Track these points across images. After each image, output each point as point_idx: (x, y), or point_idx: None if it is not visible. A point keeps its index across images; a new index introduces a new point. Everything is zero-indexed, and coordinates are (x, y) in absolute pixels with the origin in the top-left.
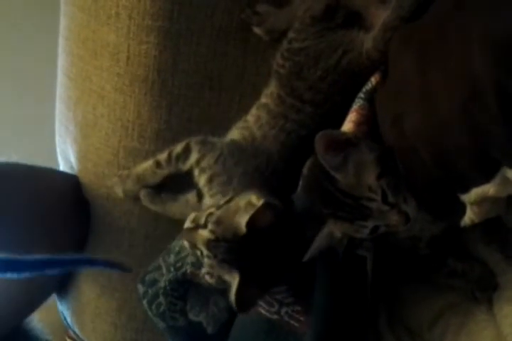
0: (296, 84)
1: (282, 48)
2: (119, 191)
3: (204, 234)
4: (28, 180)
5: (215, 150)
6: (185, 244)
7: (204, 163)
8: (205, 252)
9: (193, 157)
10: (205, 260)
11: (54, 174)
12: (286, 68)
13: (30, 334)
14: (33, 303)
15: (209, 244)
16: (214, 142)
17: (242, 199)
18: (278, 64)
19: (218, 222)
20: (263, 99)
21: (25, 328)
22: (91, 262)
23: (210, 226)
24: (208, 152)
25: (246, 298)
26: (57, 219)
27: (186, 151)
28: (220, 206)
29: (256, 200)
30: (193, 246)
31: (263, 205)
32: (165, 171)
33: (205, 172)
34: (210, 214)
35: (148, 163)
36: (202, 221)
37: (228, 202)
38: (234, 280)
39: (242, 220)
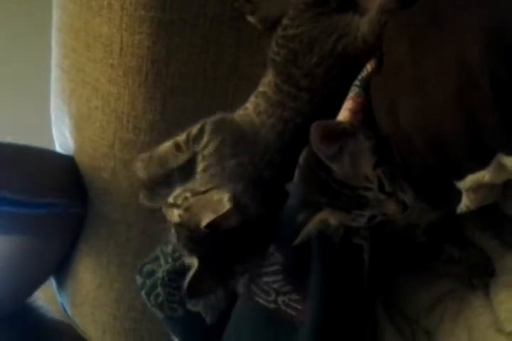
0: (293, 71)
1: (277, 36)
2: (143, 175)
3: (175, 214)
4: (22, 160)
5: (218, 137)
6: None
7: (206, 152)
8: (173, 232)
9: (203, 141)
10: (173, 238)
11: (51, 154)
12: (281, 56)
13: (36, 312)
14: (34, 281)
15: (175, 226)
16: (226, 124)
17: (216, 194)
18: (273, 51)
19: (187, 209)
20: (261, 88)
21: (31, 306)
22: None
23: (180, 210)
24: (215, 137)
25: (199, 286)
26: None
27: (201, 133)
28: (196, 193)
29: (227, 201)
30: (168, 221)
31: (230, 210)
32: (185, 155)
33: (204, 160)
34: (186, 198)
35: (168, 145)
36: (179, 201)
37: (205, 192)
38: (192, 266)
39: (206, 219)
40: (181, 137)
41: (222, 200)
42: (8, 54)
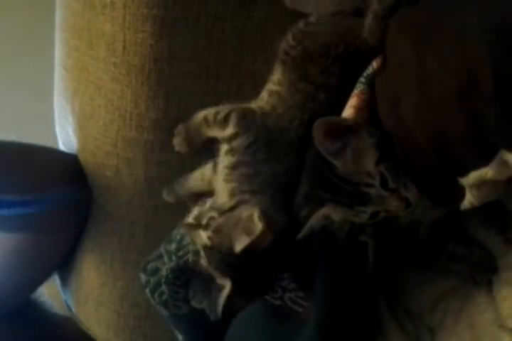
0: (310, 67)
1: (296, 29)
2: (184, 149)
3: (203, 237)
4: (26, 159)
5: (250, 133)
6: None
7: (235, 144)
8: (202, 254)
9: (228, 131)
10: (202, 261)
11: (53, 153)
12: (298, 50)
13: (40, 307)
14: (38, 278)
15: (205, 249)
16: (253, 117)
17: (245, 210)
18: (290, 45)
19: (217, 231)
20: (273, 86)
21: (35, 302)
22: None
23: (209, 232)
24: (243, 131)
25: (232, 305)
26: (54, 198)
27: (226, 120)
28: (222, 212)
29: (258, 221)
30: (193, 242)
31: (263, 230)
32: (210, 131)
33: (233, 155)
34: (212, 218)
35: (200, 117)
36: (203, 221)
37: (232, 209)
38: (225, 288)
39: (240, 244)
40: (210, 112)
41: (253, 218)
42: (11, 53)
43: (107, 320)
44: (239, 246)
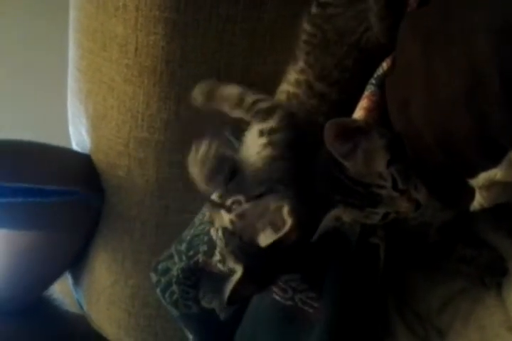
0: (326, 60)
1: (313, 14)
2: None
3: (225, 219)
4: (41, 158)
5: (291, 131)
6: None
7: (276, 138)
8: (220, 235)
9: (270, 123)
10: (218, 241)
11: (67, 152)
12: (318, 38)
13: (52, 304)
14: (51, 276)
15: (225, 232)
16: (294, 117)
17: (273, 201)
18: (309, 33)
19: (241, 216)
20: (290, 88)
21: (47, 299)
22: (70, 193)
23: (232, 215)
24: (285, 127)
25: (240, 293)
26: (67, 197)
27: (269, 113)
28: (249, 197)
29: (288, 216)
30: (212, 222)
31: (292, 226)
32: (240, 112)
33: (274, 147)
34: (238, 201)
35: (235, 94)
36: (228, 202)
37: (260, 196)
38: (236, 273)
39: (265, 239)
40: (249, 97)
41: (282, 212)
42: (26, 55)
43: (118, 319)
44: (264, 240)
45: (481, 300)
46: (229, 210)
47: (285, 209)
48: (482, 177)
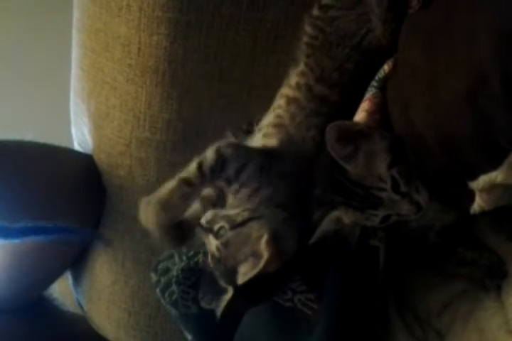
0: (326, 62)
1: (315, 17)
2: (147, 224)
3: (212, 244)
4: (42, 158)
5: (253, 159)
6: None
7: (244, 176)
8: (210, 259)
9: (231, 167)
10: (209, 262)
11: (69, 153)
12: (319, 41)
13: (52, 304)
14: (50, 276)
15: (213, 258)
16: (247, 147)
17: (255, 229)
18: (310, 36)
19: (226, 245)
20: (290, 92)
21: (47, 299)
22: (71, 231)
23: (218, 243)
24: (246, 161)
25: (233, 309)
26: (70, 197)
27: (220, 160)
28: (233, 225)
29: (264, 247)
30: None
31: (269, 258)
32: (198, 191)
33: (247, 186)
34: (223, 228)
35: (173, 185)
36: (215, 228)
37: (242, 224)
38: (227, 293)
39: (243, 275)
40: (189, 171)
41: (261, 240)
42: (28, 54)
43: (118, 319)
44: (243, 277)
45: (480, 302)
46: (216, 236)
47: (264, 240)
48: (482, 180)
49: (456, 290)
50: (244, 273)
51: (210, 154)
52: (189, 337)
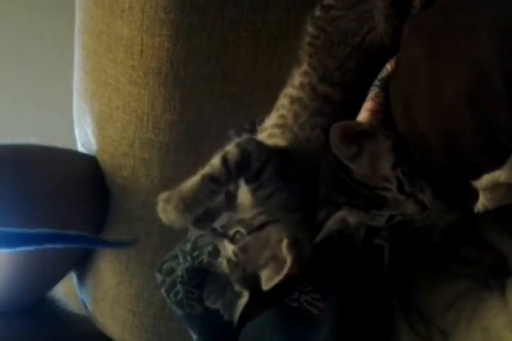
0: (328, 62)
1: (317, 17)
2: (169, 222)
3: (228, 249)
4: (47, 162)
5: (272, 157)
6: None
7: (264, 176)
8: (225, 264)
9: (254, 165)
10: (223, 266)
11: (73, 155)
12: (321, 40)
13: (55, 305)
14: (55, 276)
15: (229, 262)
16: (267, 145)
17: (274, 232)
18: (312, 36)
19: (244, 250)
20: (294, 92)
21: (51, 299)
22: (90, 240)
23: (235, 248)
24: (267, 159)
25: (250, 315)
26: (74, 198)
27: (246, 155)
28: (251, 229)
29: (286, 252)
30: (217, 248)
31: (291, 264)
32: (224, 189)
33: (266, 188)
34: (239, 232)
35: (196, 182)
36: (230, 233)
37: (261, 227)
38: (243, 297)
39: (268, 281)
40: (214, 168)
41: (282, 244)
42: (31, 56)
43: (123, 319)
44: (266, 284)
45: (484, 301)
46: (232, 240)
47: (284, 244)
48: (486, 179)
49: (460, 289)
50: (269, 278)
51: (232, 149)
52: (194, 336)
